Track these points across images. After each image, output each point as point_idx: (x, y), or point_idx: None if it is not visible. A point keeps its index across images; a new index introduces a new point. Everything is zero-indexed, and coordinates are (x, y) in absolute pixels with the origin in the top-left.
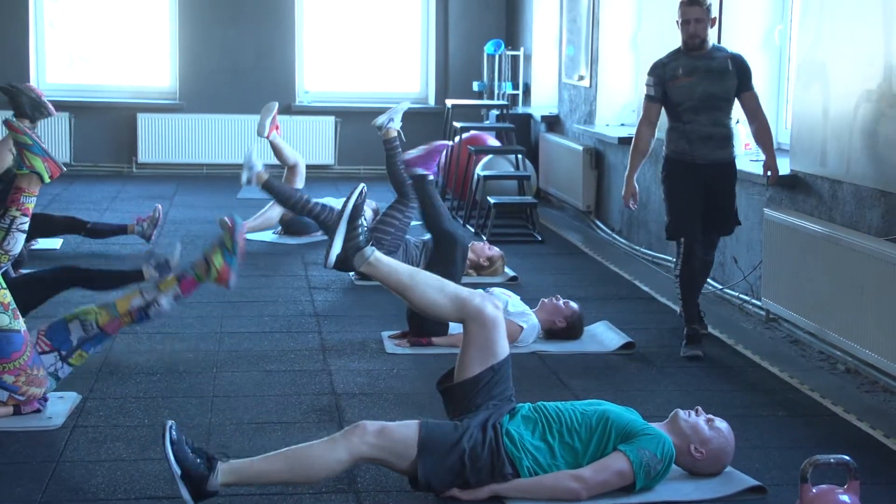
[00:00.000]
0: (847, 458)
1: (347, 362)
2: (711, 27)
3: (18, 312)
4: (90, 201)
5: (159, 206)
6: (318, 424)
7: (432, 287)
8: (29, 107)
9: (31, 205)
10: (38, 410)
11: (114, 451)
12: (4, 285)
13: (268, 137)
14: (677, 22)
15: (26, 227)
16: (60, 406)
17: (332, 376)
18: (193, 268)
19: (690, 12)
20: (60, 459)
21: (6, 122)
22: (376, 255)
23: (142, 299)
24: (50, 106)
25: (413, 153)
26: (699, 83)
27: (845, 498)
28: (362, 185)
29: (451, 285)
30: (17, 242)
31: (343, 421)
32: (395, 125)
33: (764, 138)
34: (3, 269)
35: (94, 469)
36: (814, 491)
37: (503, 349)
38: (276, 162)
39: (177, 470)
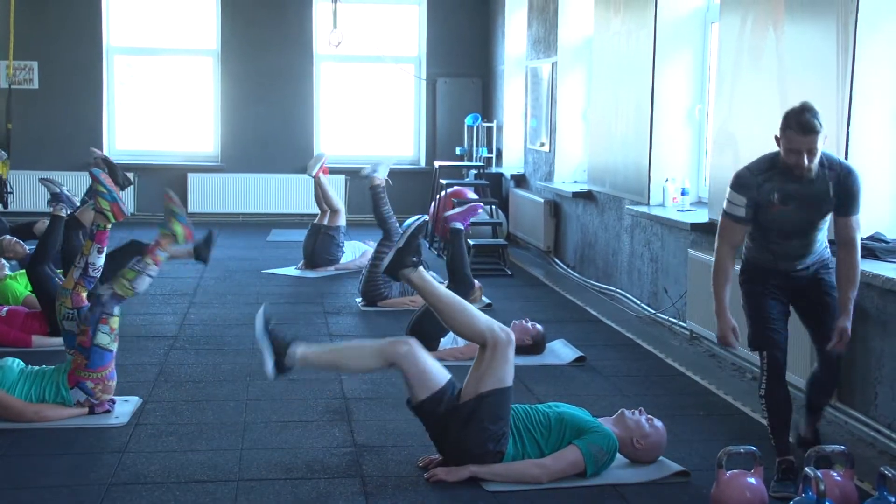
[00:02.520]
0: (754, 448)
1: None
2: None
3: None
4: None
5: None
6: (331, 423)
7: (465, 309)
8: (121, 178)
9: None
10: (108, 411)
11: (168, 444)
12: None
13: (315, 176)
14: (776, 138)
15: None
16: (126, 407)
17: (342, 384)
18: (160, 245)
19: (801, 142)
20: (125, 450)
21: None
22: (423, 273)
23: (143, 276)
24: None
25: (454, 210)
26: (795, 212)
27: (752, 480)
28: (424, 216)
29: (477, 312)
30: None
31: (352, 420)
32: (381, 175)
33: (847, 277)
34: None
35: (152, 458)
36: (727, 475)
37: (508, 376)
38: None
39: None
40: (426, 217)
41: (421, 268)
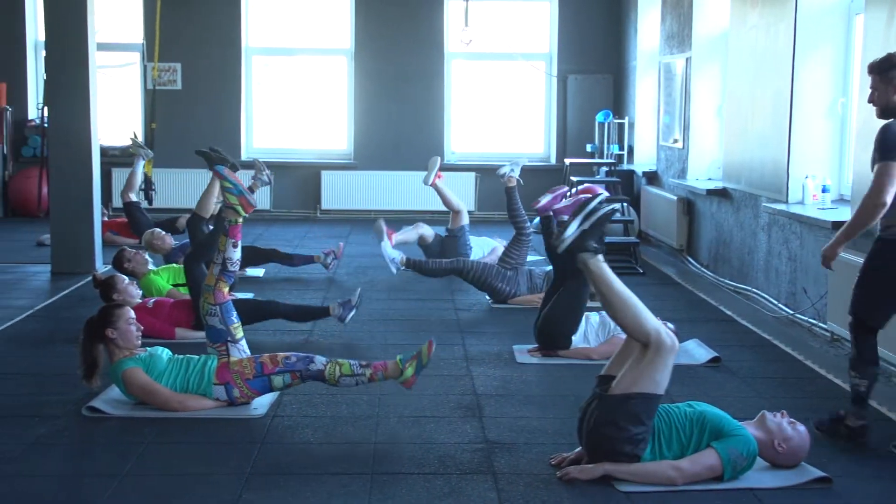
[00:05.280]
0: None
1: (486, 369)
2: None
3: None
4: (285, 239)
5: (341, 244)
6: (463, 419)
7: (637, 305)
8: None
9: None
10: (247, 403)
11: (304, 436)
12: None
13: (432, 185)
14: None
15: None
16: (264, 399)
17: (473, 380)
18: (385, 370)
19: (870, 80)
20: (263, 441)
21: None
22: (601, 260)
23: (353, 380)
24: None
25: (563, 205)
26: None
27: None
28: (604, 194)
29: (647, 310)
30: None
31: (483, 416)
32: (515, 174)
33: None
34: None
35: (288, 449)
36: None
37: (663, 382)
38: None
39: None
40: (604, 195)
41: (600, 255)
